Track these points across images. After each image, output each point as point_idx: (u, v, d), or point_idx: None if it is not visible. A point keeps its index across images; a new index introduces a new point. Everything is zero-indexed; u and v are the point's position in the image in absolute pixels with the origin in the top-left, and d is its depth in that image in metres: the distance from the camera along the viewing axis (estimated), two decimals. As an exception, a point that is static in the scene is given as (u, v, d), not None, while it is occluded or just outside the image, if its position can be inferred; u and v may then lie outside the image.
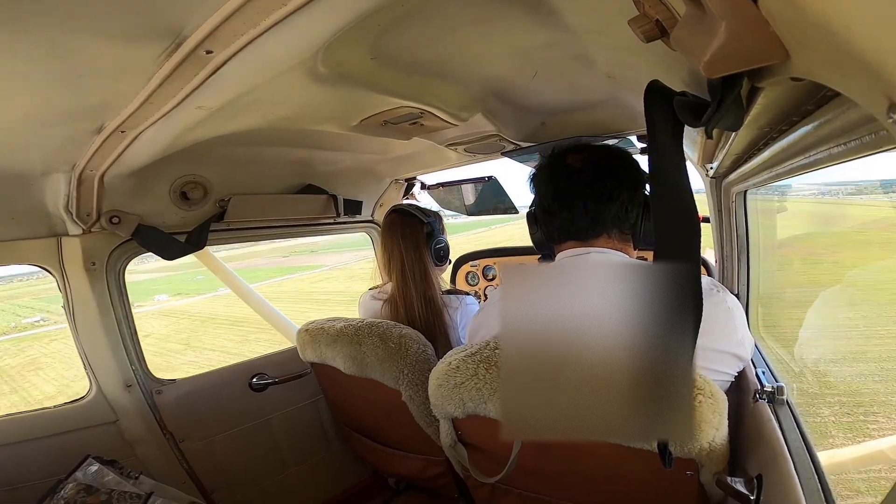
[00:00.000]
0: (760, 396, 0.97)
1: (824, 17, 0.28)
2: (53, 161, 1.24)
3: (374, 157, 2.00)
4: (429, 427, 1.40)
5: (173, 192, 1.60)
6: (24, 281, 41.98)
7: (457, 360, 1.07)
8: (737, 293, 1.58)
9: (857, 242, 7.13)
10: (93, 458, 1.37)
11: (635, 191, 1.11)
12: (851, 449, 1.91)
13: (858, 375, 4.38)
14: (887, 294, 5.40)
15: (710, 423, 0.82)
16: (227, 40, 0.70)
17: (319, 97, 1.07)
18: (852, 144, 0.52)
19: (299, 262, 45.91)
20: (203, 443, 1.76)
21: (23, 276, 38.24)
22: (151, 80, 0.80)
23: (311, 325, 1.60)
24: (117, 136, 1.07)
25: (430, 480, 1.61)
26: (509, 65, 1.09)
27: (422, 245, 1.63)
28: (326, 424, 2.10)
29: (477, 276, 2.75)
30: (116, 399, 1.59)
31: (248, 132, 1.25)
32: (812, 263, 5.73)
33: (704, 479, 0.89)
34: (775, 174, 0.96)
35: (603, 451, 0.95)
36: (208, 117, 1.03)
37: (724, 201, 1.50)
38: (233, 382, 1.88)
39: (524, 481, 1.15)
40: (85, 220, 1.43)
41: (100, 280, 1.53)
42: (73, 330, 1.54)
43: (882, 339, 4.81)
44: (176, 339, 21.90)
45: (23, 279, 41.76)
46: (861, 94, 0.33)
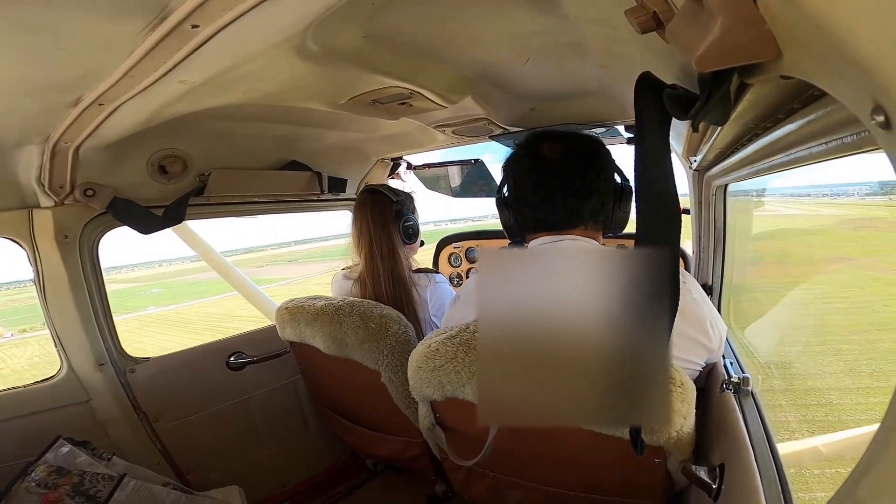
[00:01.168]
0: (727, 387, 0.99)
1: (822, 16, 0.29)
2: (26, 133, 1.18)
3: (361, 135, 1.97)
4: (407, 409, 1.41)
5: (151, 165, 1.55)
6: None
7: (436, 342, 1.07)
8: (710, 284, 1.62)
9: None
10: (64, 439, 1.35)
11: (609, 181, 1.13)
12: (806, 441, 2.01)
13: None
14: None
15: (679, 412, 0.85)
16: (215, 14, 0.67)
17: (308, 74, 1.05)
18: (833, 144, 0.54)
19: (274, 273, 44.71)
20: (178, 423, 1.74)
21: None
22: (133, 54, 0.77)
23: (291, 303, 1.58)
24: (95, 109, 1.03)
25: (408, 462, 1.63)
26: (502, 49, 1.08)
27: (390, 223, 1.64)
28: (304, 405, 2.10)
29: (459, 257, 2.76)
30: (88, 378, 1.56)
31: (232, 107, 1.21)
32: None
33: (671, 466, 0.92)
34: (756, 170, 0.98)
35: (576, 437, 0.97)
36: (191, 91, 1.00)
37: (704, 194, 1.53)
38: (209, 361, 1.85)
39: (499, 465, 1.18)
40: (57, 192, 1.38)
41: (72, 254, 1.48)
42: (44, 306, 1.49)
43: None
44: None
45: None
46: (847, 94, 0.34)
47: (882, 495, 0.29)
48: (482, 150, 2.18)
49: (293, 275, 41.29)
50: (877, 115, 0.30)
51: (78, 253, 1.50)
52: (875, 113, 0.30)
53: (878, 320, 5.71)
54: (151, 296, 46.62)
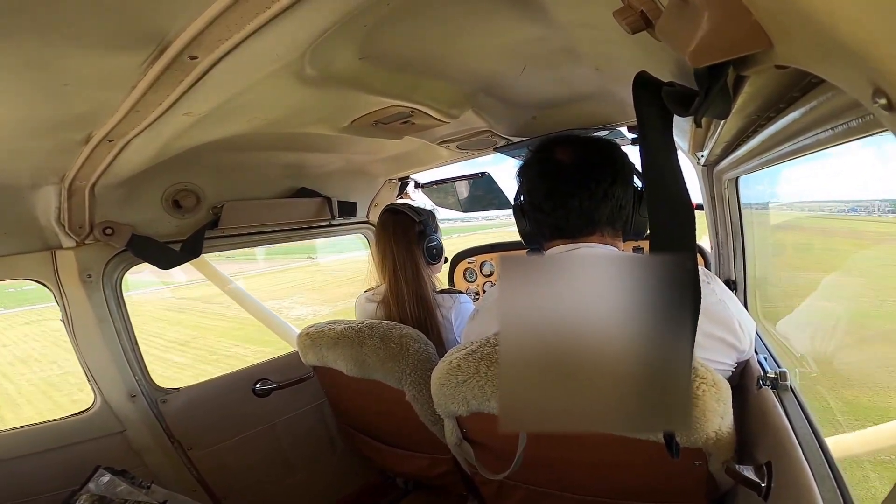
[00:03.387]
0: (764, 383, 0.96)
1: (807, 4, 0.29)
2: (42, 173, 1.23)
3: (367, 157, 2.00)
4: (434, 425, 1.40)
5: (165, 200, 1.60)
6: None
7: (457, 358, 1.06)
8: (734, 279, 1.58)
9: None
10: (103, 469, 1.38)
11: (626, 186, 1.11)
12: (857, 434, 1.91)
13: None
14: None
15: (715, 411, 0.82)
16: (212, 45, 0.69)
17: (308, 99, 1.07)
18: (840, 129, 0.53)
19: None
20: (210, 450, 1.76)
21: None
22: (136, 88, 0.80)
23: (312, 329, 1.60)
24: (105, 146, 1.07)
25: (438, 478, 1.61)
26: (498, 60, 1.09)
27: (413, 244, 1.63)
28: (331, 427, 2.10)
29: (475, 272, 2.75)
30: (122, 409, 1.59)
31: (238, 137, 1.24)
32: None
33: (713, 467, 0.88)
34: (765, 160, 0.96)
35: (608, 442, 0.95)
36: (196, 124, 1.03)
37: (716, 188, 1.51)
38: (236, 389, 1.88)
39: (531, 476, 1.16)
40: (78, 232, 1.43)
41: (97, 292, 1.53)
42: (74, 343, 1.54)
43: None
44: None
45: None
46: (845, 80, 0.33)
47: None
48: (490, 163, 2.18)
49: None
50: (878, 97, 0.29)
51: (102, 291, 1.54)
52: (876, 96, 0.29)
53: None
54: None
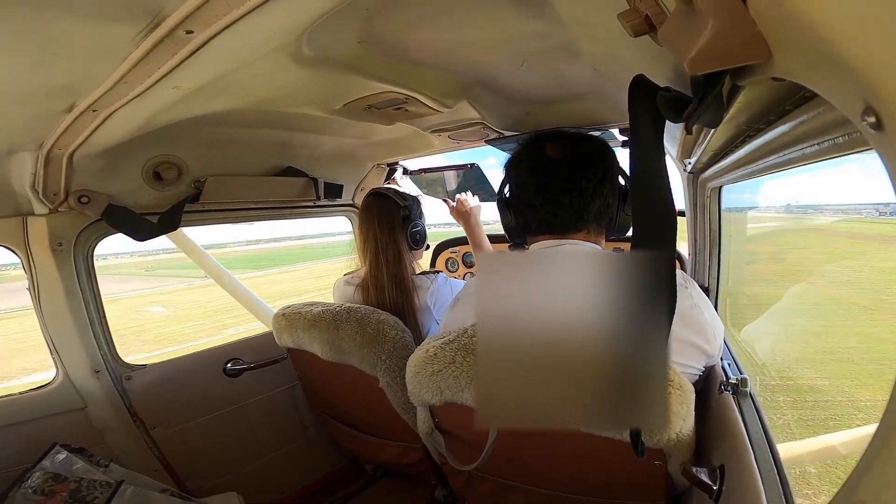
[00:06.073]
0: (725, 388, 0.99)
1: (810, 18, 0.29)
2: (20, 139, 1.18)
3: (357, 140, 1.97)
4: (406, 414, 1.40)
5: (146, 172, 1.55)
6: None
7: (434, 347, 1.06)
8: (707, 286, 1.63)
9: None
10: (60, 446, 1.33)
11: (614, 184, 1.11)
12: (807, 442, 2.00)
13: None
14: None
15: (678, 414, 0.84)
16: (209, 20, 0.67)
17: (302, 80, 1.05)
18: (826, 145, 0.54)
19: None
20: (175, 430, 1.73)
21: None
22: (127, 60, 0.77)
23: (288, 310, 1.58)
24: (89, 115, 1.02)
25: (408, 467, 1.62)
26: (497, 53, 1.08)
27: (397, 228, 1.62)
28: (303, 411, 2.09)
29: (457, 262, 2.76)
30: (84, 385, 1.55)
31: (227, 113, 1.21)
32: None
33: (672, 468, 0.92)
34: (750, 171, 0.98)
35: (577, 439, 0.97)
36: (185, 97, 1.00)
37: (699, 196, 1.54)
38: (206, 368, 1.85)
39: (500, 469, 1.17)
40: (52, 199, 1.38)
41: (67, 261, 1.48)
42: (39, 313, 1.48)
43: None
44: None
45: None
46: (838, 95, 0.34)
47: (882, 495, 0.29)
48: (480, 155, 2.18)
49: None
50: (867, 116, 0.30)
51: (73, 260, 1.49)
52: (866, 114, 0.30)
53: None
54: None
